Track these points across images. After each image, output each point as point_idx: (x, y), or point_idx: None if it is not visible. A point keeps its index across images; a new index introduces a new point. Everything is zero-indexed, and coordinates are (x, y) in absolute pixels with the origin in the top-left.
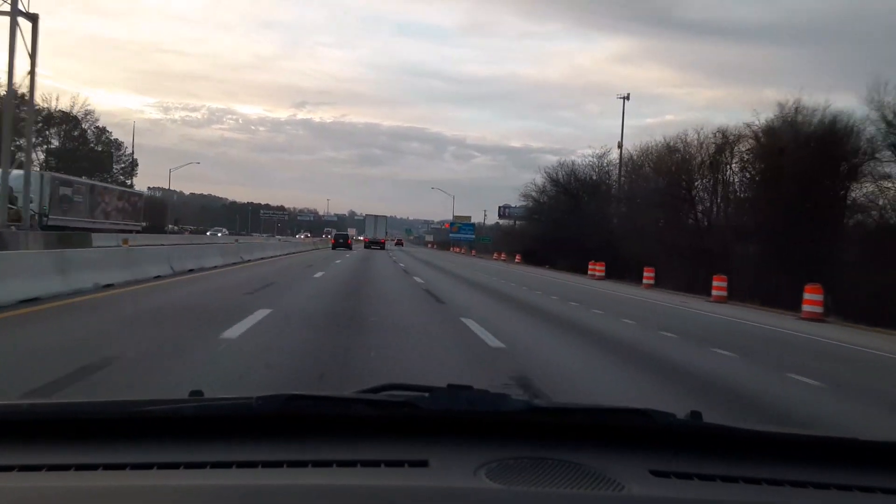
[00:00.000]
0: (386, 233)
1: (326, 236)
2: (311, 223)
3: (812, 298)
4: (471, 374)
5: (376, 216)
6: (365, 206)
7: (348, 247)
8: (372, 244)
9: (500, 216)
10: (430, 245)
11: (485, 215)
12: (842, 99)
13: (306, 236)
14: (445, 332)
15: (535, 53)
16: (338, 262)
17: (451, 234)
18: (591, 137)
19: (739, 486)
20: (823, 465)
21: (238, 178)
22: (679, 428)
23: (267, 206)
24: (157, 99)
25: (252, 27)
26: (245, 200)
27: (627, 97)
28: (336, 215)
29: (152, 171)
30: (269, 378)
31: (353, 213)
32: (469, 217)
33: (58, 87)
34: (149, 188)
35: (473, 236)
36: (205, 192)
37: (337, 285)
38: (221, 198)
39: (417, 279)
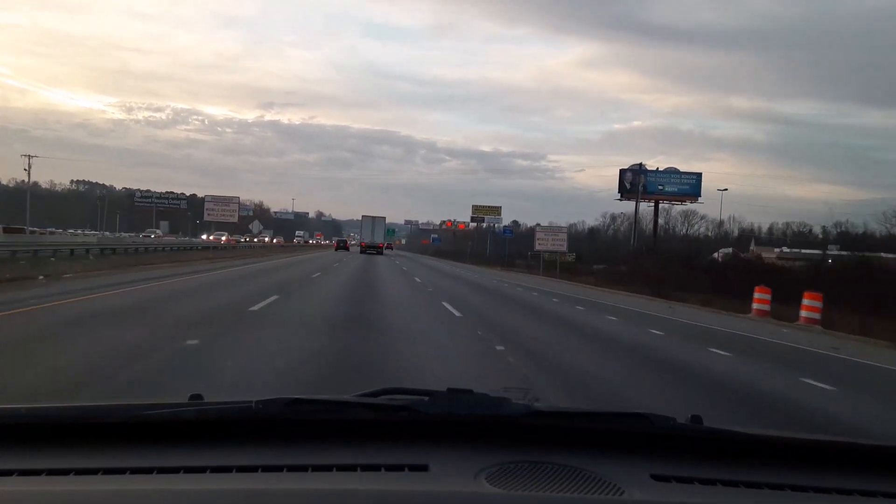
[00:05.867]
0: (384, 236)
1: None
2: (252, 220)
3: None
4: None
5: (374, 217)
6: (335, 209)
7: (346, 249)
8: (369, 248)
9: (628, 188)
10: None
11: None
12: (810, 106)
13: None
14: None
15: (504, 57)
16: None
17: None
18: (561, 142)
19: (740, 491)
20: (825, 469)
21: (203, 181)
22: (680, 432)
23: (148, 192)
24: (119, 98)
25: (213, 25)
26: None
27: None
28: (295, 213)
29: (121, 172)
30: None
31: (320, 214)
32: (499, 208)
33: (17, 87)
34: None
35: None
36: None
37: None
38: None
39: None
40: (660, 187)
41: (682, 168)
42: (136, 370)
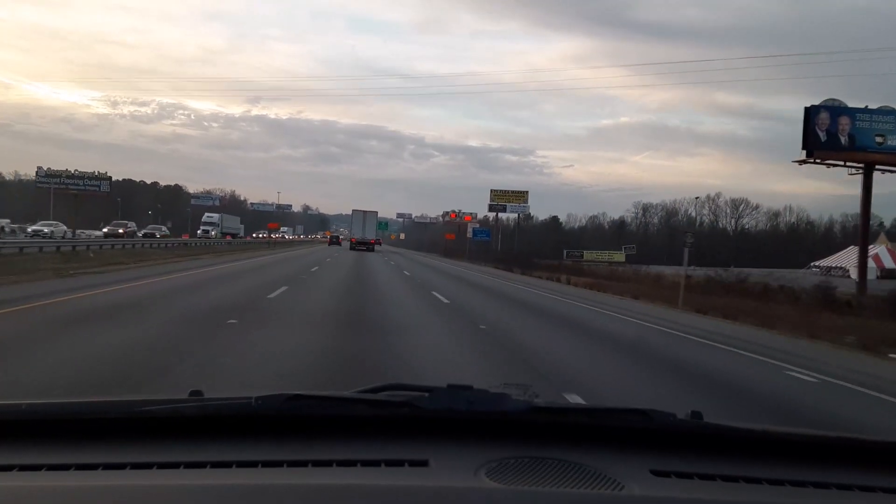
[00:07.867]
0: (375, 231)
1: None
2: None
3: None
4: None
5: (364, 212)
6: (324, 203)
7: (339, 244)
8: (359, 244)
9: (822, 140)
10: None
11: None
12: (791, 101)
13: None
14: None
15: (491, 53)
16: None
17: None
18: (549, 138)
19: (740, 486)
20: (824, 465)
21: (191, 176)
22: (679, 427)
23: (52, 170)
24: (104, 93)
25: (198, 19)
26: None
27: None
28: (277, 205)
29: (107, 168)
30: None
31: (307, 208)
32: (525, 193)
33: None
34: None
35: None
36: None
37: None
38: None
39: None
40: (877, 139)
41: None
42: None
